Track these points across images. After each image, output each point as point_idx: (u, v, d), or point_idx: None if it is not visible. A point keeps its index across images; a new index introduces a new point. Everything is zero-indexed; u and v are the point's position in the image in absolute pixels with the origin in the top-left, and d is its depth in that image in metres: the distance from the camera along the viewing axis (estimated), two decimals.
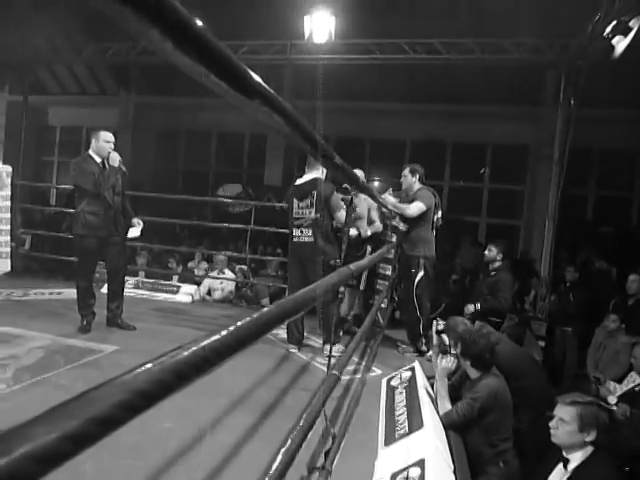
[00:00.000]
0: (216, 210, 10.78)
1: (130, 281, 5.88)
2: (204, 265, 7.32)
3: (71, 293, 4.33)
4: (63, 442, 0.31)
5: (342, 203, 3.67)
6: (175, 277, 6.79)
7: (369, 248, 4.48)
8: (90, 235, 3.81)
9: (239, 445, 2.17)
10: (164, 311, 5.02)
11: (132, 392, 0.39)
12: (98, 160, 3.83)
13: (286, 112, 0.63)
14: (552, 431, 2.34)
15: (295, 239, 3.86)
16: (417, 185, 4.22)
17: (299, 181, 3.94)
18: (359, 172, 3.97)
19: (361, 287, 4.54)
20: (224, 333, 0.57)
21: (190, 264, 7.57)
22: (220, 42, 0.45)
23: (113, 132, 4.00)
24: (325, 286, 1.14)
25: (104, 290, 4.53)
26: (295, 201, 3.89)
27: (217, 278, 6.42)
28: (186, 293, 5.84)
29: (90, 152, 3.87)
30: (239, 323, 0.62)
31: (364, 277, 4.48)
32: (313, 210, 3.75)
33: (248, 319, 0.65)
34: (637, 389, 3.94)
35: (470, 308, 4.55)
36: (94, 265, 4.02)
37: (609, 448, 2.47)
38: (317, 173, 3.78)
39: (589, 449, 2.26)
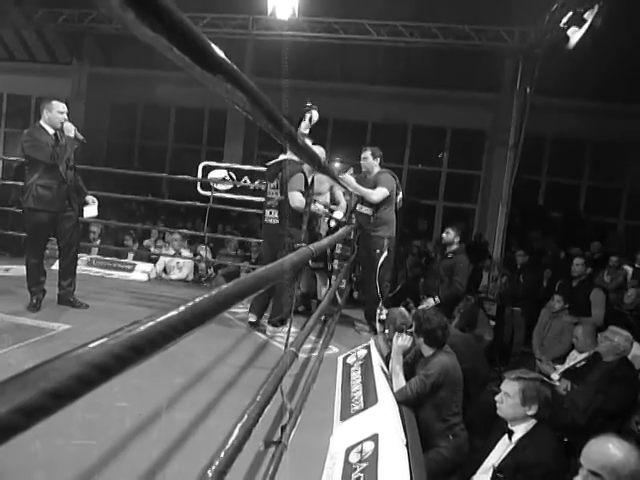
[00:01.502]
0: (174, 187, 10.55)
1: (83, 258, 5.70)
2: (160, 243, 7.18)
3: (20, 270, 4.15)
4: (15, 415, 0.31)
5: (298, 184, 3.64)
6: (130, 255, 6.62)
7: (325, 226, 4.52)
8: (42, 209, 3.65)
9: (195, 422, 2.17)
10: (118, 289, 4.91)
11: (88, 365, 0.39)
12: (51, 131, 3.65)
13: (249, 89, 0.63)
14: (497, 404, 2.47)
15: (265, 219, 3.91)
16: (377, 168, 4.26)
17: (271, 162, 3.95)
18: (320, 149, 3.96)
19: (329, 268, 4.56)
20: (182, 309, 0.57)
21: (146, 242, 7.40)
22: (183, 14, 0.44)
23: (65, 102, 3.82)
24: (285, 264, 1.15)
25: (55, 267, 4.37)
26: (267, 182, 3.94)
27: (173, 256, 6.31)
28: (142, 271, 5.72)
29: (42, 123, 3.68)
30: (197, 299, 0.62)
31: (330, 259, 4.51)
32: (278, 192, 3.75)
33: (206, 295, 0.65)
34: (577, 366, 4.18)
35: (430, 302, 4.67)
36: (45, 241, 3.87)
37: (551, 421, 2.63)
38: (289, 154, 3.75)
39: (532, 422, 2.40)
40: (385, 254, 4.11)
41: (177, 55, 0.48)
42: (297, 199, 3.60)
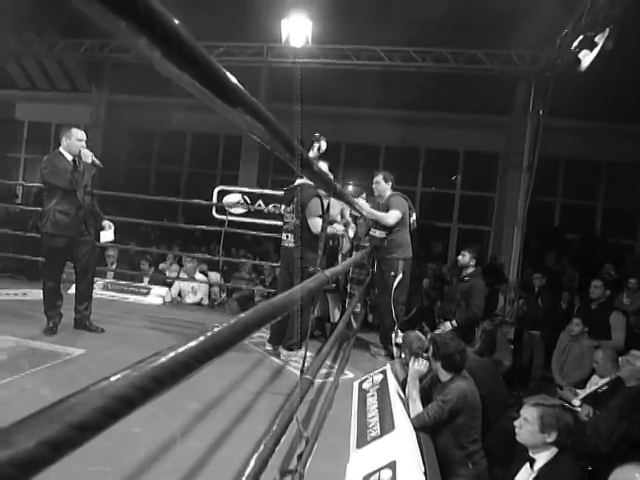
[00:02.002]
0: (189, 212, 10.68)
1: (99, 282, 5.76)
2: (176, 267, 7.22)
3: (36, 294, 4.21)
4: (43, 448, 0.31)
5: (317, 210, 3.67)
6: (146, 279, 6.67)
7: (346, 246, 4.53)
8: (59, 234, 3.72)
9: (210, 451, 2.15)
10: (134, 313, 4.93)
11: (112, 398, 0.39)
12: (69, 158, 3.74)
13: (267, 120, 0.64)
14: (517, 430, 2.42)
15: (283, 243, 3.96)
16: (389, 191, 4.28)
17: (288, 187, 4.01)
18: (324, 165, 3.98)
19: (340, 289, 4.56)
20: (202, 339, 0.57)
21: (162, 265, 7.46)
22: (206, 51, 0.46)
23: (84, 129, 3.92)
24: (303, 291, 1.14)
25: (71, 291, 4.42)
26: (284, 206, 4.02)
27: (189, 280, 6.34)
28: (157, 295, 5.75)
29: (61, 149, 3.78)
30: (217, 328, 0.62)
31: (343, 281, 4.50)
32: (294, 216, 3.79)
33: (225, 324, 0.65)
34: (599, 391, 4.07)
35: (448, 325, 4.63)
36: (62, 265, 3.93)
37: (573, 449, 2.55)
38: (305, 179, 3.78)
39: (553, 450, 2.33)
40: (400, 276, 4.09)
41: (199, 89, 0.49)
42: (318, 224, 3.61)
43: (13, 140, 13.61)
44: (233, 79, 0.52)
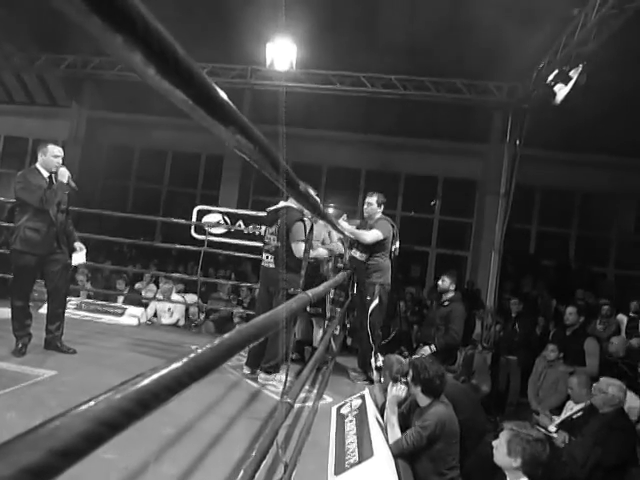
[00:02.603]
0: (167, 230, 10.57)
1: (72, 302, 5.60)
2: (152, 287, 7.10)
3: (5, 312, 4.06)
4: (24, 475, 0.29)
5: (300, 235, 3.67)
6: (120, 299, 6.54)
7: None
8: (29, 252, 3.60)
9: (184, 477, 2.08)
10: (107, 334, 4.81)
11: (95, 421, 0.37)
12: (45, 174, 3.67)
13: (258, 140, 0.65)
14: (494, 450, 2.43)
15: (263, 263, 3.93)
16: (379, 215, 4.30)
17: (272, 207, 3.99)
18: (312, 192, 4.02)
19: (328, 314, 4.49)
20: (186, 360, 0.56)
21: (137, 285, 7.32)
22: (200, 69, 0.46)
23: (62, 145, 3.86)
24: (285, 312, 1.13)
25: (43, 310, 4.28)
26: (266, 227, 3.99)
27: (165, 301, 6.24)
28: (132, 315, 5.62)
29: (37, 165, 3.70)
30: (200, 350, 0.61)
31: (328, 304, 4.45)
32: (276, 238, 3.77)
33: (208, 346, 0.64)
34: (574, 417, 4.10)
35: (427, 349, 4.62)
36: (31, 283, 3.79)
37: (549, 475, 2.55)
38: (290, 201, 3.79)
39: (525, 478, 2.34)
40: (376, 301, 4.08)
41: (192, 107, 0.49)
42: (301, 249, 3.61)
43: None
44: (226, 98, 0.52)
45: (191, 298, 6.44)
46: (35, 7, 8.56)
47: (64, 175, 3.68)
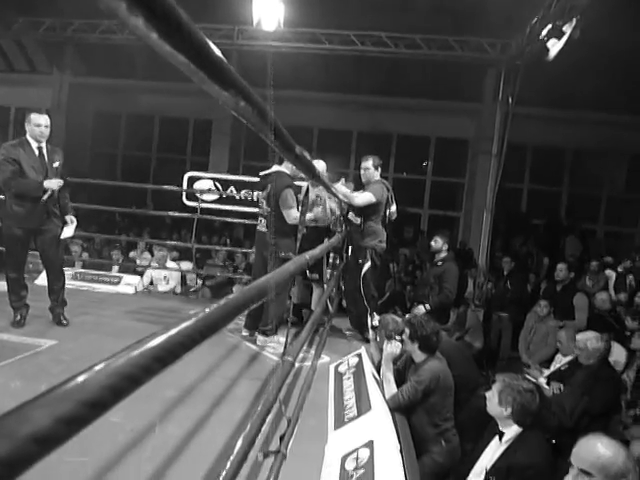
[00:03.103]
0: (159, 198, 10.50)
1: (68, 272, 5.61)
2: (147, 255, 7.11)
3: (1, 286, 4.07)
4: (59, 425, 0.32)
5: (290, 202, 3.66)
6: (115, 268, 6.55)
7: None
8: (17, 225, 3.58)
9: (190, 436, 2.16)
10: (105, 303, 4.85)
11: (118, 376, 0.39)
12: (34, 145, 3.60)
13: (256, 103, 0.65)
14: (487, 401, 2.54)
15: (258, 227, 3.96)
16: (377, 177, 4.27)
17: (263, 172, 3.95)
18: (321, 163, 4.02)
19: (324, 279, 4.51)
20: (195, 319, 0.58)
21: (132, 254, 7.32)
22: (203, 34, 0.46)
23: (47, 113, 3.75)
24: (283, 275, 1.16)
25: (38, 282, 4.30)
26: (259, 191, 3.99)
27: (161, 269, 6.26)
28: (128, 284, 5.65)
29: (27, 136, 3.62)
30: (208, 310, 0.63)
31: (325, 269, 4.46)
32: (266, 203, 3.78)
33: (215, 306, 0.66)
34: (562, 369, 4.25)
35: (421, 309, 4.69)
36: (23, 255, 3.74)
37: (539, 423, 2.67)
38: (282, 166, 3.77)
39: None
40: (368, 264, 4.12)
41: (193, 70, 0.50)
42: (292, 217, 3.61)
43: None
44: (225, 61, 0.53)
45: (186, 265, 6.47)
46: None
47: (52, 185, 3.56)
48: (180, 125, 12.37)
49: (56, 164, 3.67)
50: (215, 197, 6.23)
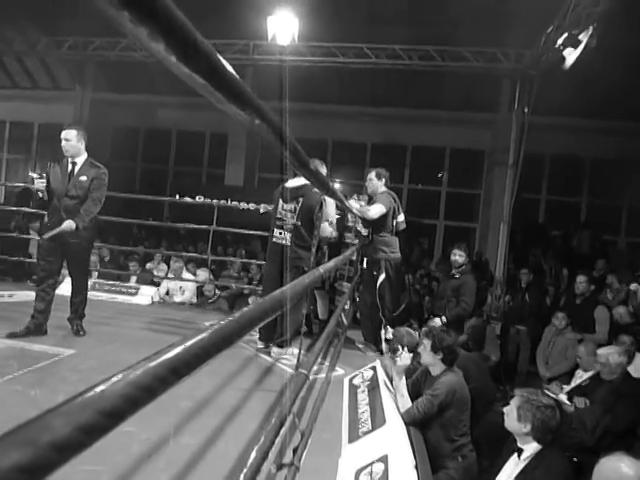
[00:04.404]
0: (175, 210, 10.62)
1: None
2: (163, 266, 7.19)
3: (23, 295, 4.16)
4: (78, 433, 0.33)
5: (330, 215, 3.71)
6: (133, 278, 6.64)
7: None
8: (43, 234, 3.74)
9: (204, 447, 2.16)
10: (123, 313, 4.91)
11: (134, 386, 0.41)
12: (69, 160, 3.73)
13: (272, 122, 0.67)
14: (505, 416, 2.49)
15: (274, 239, 3.85)
16: (382, 189, 4.29)
17: (290, 183, 3.86)
18: (318, 162, 4.00)
19: (325, 287, 4.56)
20: (212, 331, 0.59)
21: (149, 265, 7.42)
22: (220, 56, 0.48)
23: (73, 128, 3.86)
24: (299, 288, 1.17)
25: (59, 291, 4.36)
26: (280, 202, 3.88)
27: (177, 279, 6.33)
28: (145, 295, 5.73)
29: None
30: (223, 322, 0.64)
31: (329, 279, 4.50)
32: (295, 216, 3.74)
33: (226, 320, 0.67)
34: (583, 384, 4.16)
35: (437, 321, 4.65)
36: (47, 266, 3.79)
37: (559, 441, 2.61)
38: (302, 179, 3.77)
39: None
40: (383, 276, 4.11)
41: (210, 91, 0.51)
42: (328, 230, 3.71)
43: None
44: (243, 84, 0.55)
45: (203, 274, 6.51)
46: None
47: (70, 226, 3.62)
48: (197, 139, 12.57)
49: (83, 178, 3.73)
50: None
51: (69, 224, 3.65)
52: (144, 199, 7.94)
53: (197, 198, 5.87)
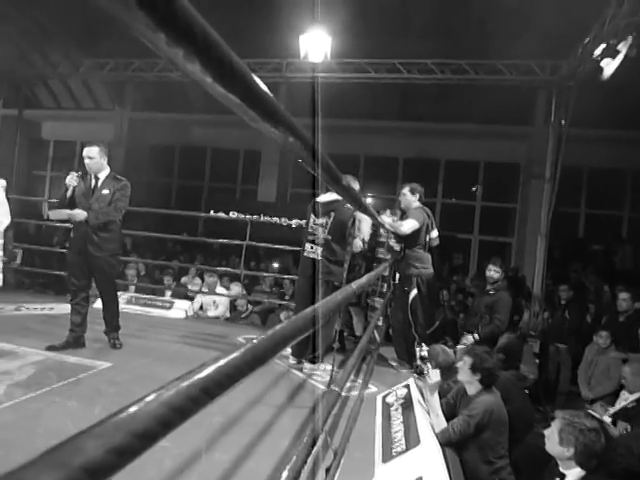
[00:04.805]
0: (210, 226, 10.80)
1: (123, 296, 5.87)
2: (198, 281, 7.30)
3: (63, 308, 4.28)
4: (111, 456, 0.33)
5: (362, 229, 3.71)
6: (168, 292, 6.76)
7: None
8: (69, 249, 3.84)
9: (236, 464, 2.15)
10: (158, 327, 5.00)
11: (168, 407, 0.40)
12: (92, 175, 3.84)
13: (304, 139, 0.67)
14: (546, 439, 2.39)
15: (306, 253, 3.87)
16: (416, 204, 4.25)
17: (321, 198, 3.89)
18: (351, 178, 4.00)
19: (362, 303, 4.52)
20: (244, 350, 0.59)
21: (183, 279, 7.54)
22: (255, 76, 0.48)
23: (105, 145, 3.97)
24: (332, 304, 1.15)
25: (97, 305, 4.48)
26: (312, 217, 3.91)
27: (210, 294, 6.40)
28: (179, 309, 5.82)
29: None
30: (255, 341, 0.64)
31: (364, 294, 4.47)
32: (327, 231, 3.76)
33: (263, 336, 0.67)
34: (629, 407, 3.96)
35: (469, 339, 4.55)
36: (76, 279, 3.87)
37: (604, 466, 2.48)
38: (335, 194, 3.77)
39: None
40: (414, 292, 4.06)
41: (245, 110, 0.51)
42: (359, 245, 3.74)
43: (39, 158, 14.00)
44: (276, 101, 0.55)
45: (236, 289, 6.56)
46: (76, 14, 8.88)
47: (80, 215, 3.70)
48: (231, 156, 12.80)
49: (105, 191, 3.79)
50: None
51: (80, 213, 3.70)
52: (179, 215, 8.14)
53: (231, 214, 5.95)
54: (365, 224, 3.99)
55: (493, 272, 4.83)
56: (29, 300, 5.54)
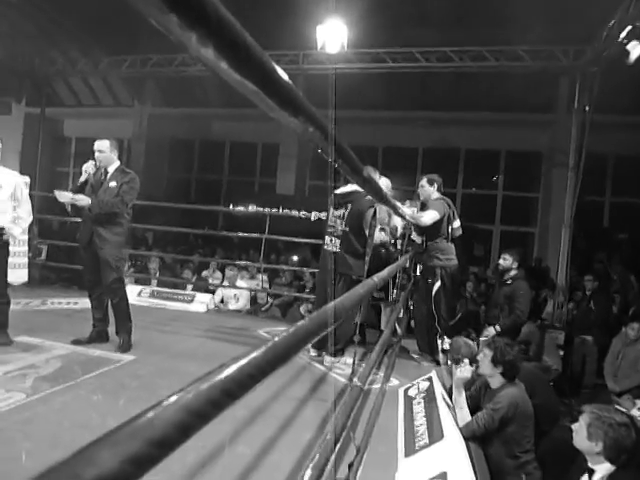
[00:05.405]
0: (229, 219, 10.87)
1: (145, 290, 5.96)
2: (218, 274, 7.35)
3: (87, 303, 4.33)
4: (126, 466, 0.31)
5: (382, 220, 3.67)
6: (189, 286, 6.82)
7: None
8: (79, 245, 3.86)
9: (259, 457, 2.16)
10: (179, 320, 5.05)
11: (186, 412, 0.38)
12: (102, 168, 3.84)
13: (324, 128, 0.64)
14: (573, 434, 2.33)
15: (325, 246, 3.87)
16: (435, 195, 4.18)
17: (339, 190, 3.88)
18: (386, 181, 3.99)
19: (389, 298, 4.44)
20: (264, 349, 0.57)
21: (204, 273, 7.61)
22: (272, 61, 0.45)
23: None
24: (354, 298, 1.13)
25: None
26: (331, 209, 3.89)
27: (231, 287, 6.44)
28: (200, 302, 5.86)
29: None
30: (277, 339, 0.62)
31: (391, 289, 4.39)
32: (344, 222, 3.73)
33: (285, 334, 0.65)
34: None
35: (491, 330, 4.49)
36: (87, 273, 3.89)
37: (635, 461, 2.41)
38: (354, 186, 3.73)
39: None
40: (438, 284, 4.00)
41: (262, 98, 0.49)
42: (381, 237, 3.64)
43: (62, 155, 14.25)
44: (295, 88, 0.52)
45: (256, 282, 6.59)
46: (94, 12, 8.95)
47: (82, 201, 3.70)
48: (249, 149, 12.83)
49: (112, 184, 3.76)
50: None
51: (84, 198, 3.68)
52: (199, 209, 8.21)
53: (250, 207, 5.96)
54: (382, 212, 3.95)
55: (502, 260, 4.78)
56: (54, 295, 5.64)
